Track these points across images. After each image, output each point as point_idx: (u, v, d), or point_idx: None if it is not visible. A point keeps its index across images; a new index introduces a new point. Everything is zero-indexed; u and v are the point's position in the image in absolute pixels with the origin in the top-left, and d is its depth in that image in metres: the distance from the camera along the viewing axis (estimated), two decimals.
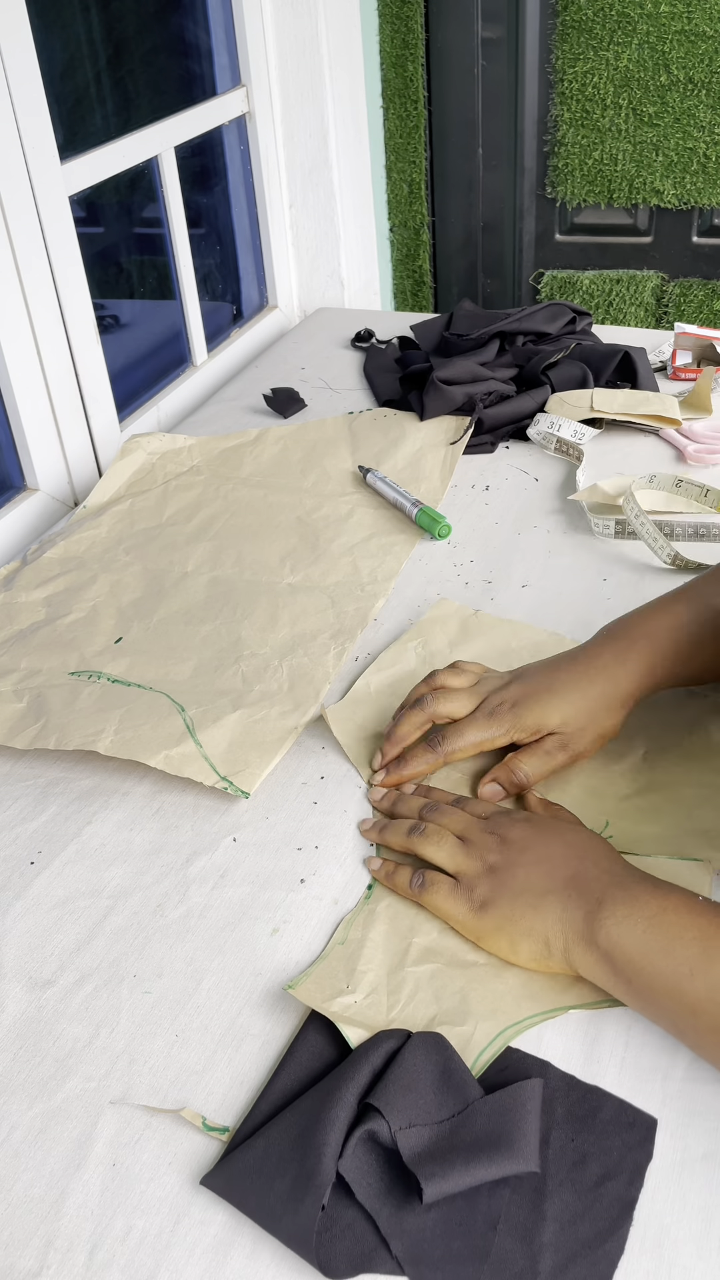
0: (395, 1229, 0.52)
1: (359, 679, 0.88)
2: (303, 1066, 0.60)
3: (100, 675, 0.90)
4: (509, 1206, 0.53)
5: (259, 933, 0.69)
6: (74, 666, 0.92)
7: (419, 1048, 0.58)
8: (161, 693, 0.88)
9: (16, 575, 1.05)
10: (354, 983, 0.64)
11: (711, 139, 1.79)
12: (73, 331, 1.20)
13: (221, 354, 1.54)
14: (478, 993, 0.64)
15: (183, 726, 0.83)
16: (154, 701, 0.86)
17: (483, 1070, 0.59)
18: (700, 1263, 0.52)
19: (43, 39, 1.10)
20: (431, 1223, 0.53)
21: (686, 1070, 0.60)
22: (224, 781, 0.78)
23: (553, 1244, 0.52)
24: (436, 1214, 0.53)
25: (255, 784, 0.78)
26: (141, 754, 0.80)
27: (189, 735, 0.82)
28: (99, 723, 0.84)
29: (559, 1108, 0.57)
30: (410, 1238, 0.52)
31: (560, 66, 1.81)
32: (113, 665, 0.92)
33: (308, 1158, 0.54)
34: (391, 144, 1.90)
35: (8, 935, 0.70)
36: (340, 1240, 0.52)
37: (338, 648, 0.92)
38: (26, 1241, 0.54)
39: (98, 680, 0.90)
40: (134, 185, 1.40)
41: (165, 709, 0.85)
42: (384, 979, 0.65)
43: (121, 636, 0.95)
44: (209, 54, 1.49)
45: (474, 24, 1.83)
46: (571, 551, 1.04)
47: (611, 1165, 0.55)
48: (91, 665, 0.92)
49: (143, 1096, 0.60)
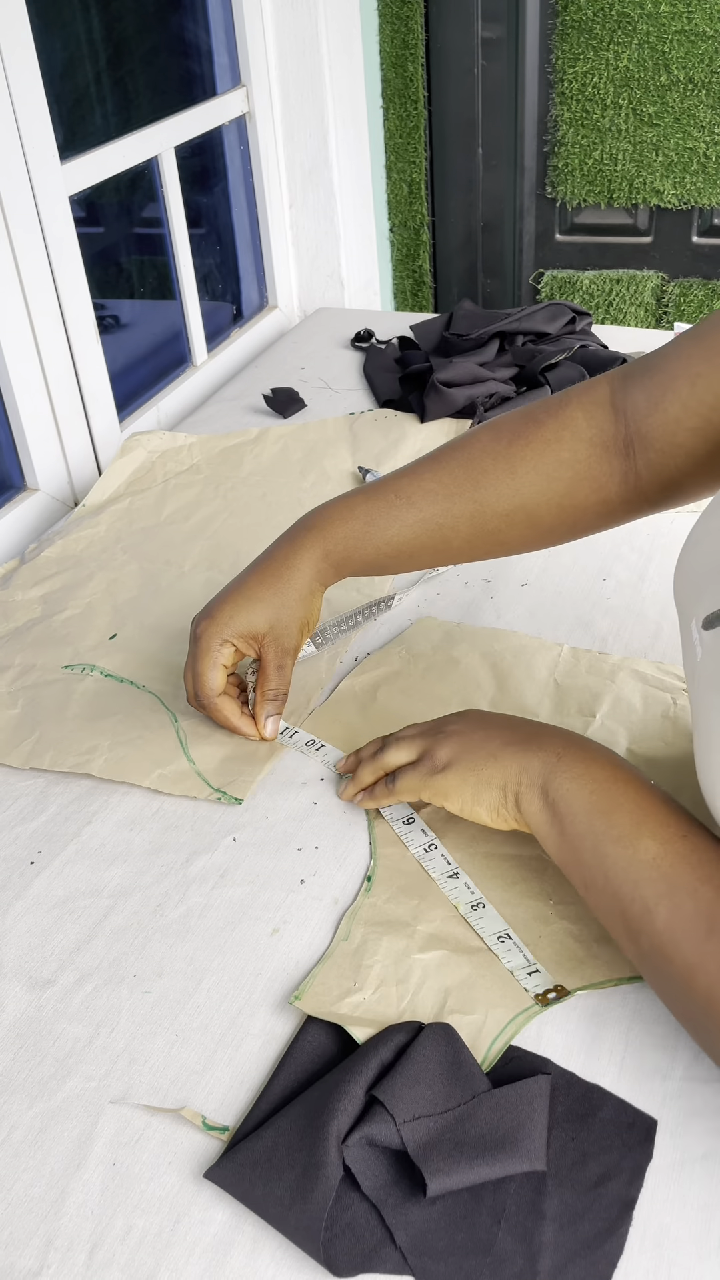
0: (400, 1220, 0.52)
1: (343, 681, 0.89)
2: (303, 1065, 0.60)
3: (93, 668, 0.90)
4: (512, 1201, 0.53)
5: (259, 932, 0.69)
6: (68, 660, 0.92)
7: (428, 1040, 0.58)
8: (154, 694, 0.88)
9: (14, 574, 1.05)
10: (361, 979, 0.64)
11: (711, 139, 1.79)
12: (73, 331, 1.20)
13: (221, 354, 1.54)
14: (485, 979, 0.64)
15: (175, 740, 0.83)
16: (147, 706, 0.86)
17: (495, 1059, 0.60)
18: (700, 1263, 0.52)
19: (43, 39, 1.10)
20: (436, 1215, 0.53)
21: (686, 1070, 0.60)
22: (217, 793, 0.78)
23: (552, 1244, 0.52)
24: (441, 1206, 0.53)
25: (249, 790, 0.79)
26: (134, 775, 0.80)
27: (181, 750, 0.82)
28: (93, 736, 0.83)
29: (559, 1106, 0.57)
30: (415, 1229, 0.52)
31: (560, 66, 1.81)
32: (106, 660, 0.92)
33: (316, 1149, 0.54)
34: (391, 144, 1.90)
35: (8, 935, 0.70)
36: (342, 1239, 0.52)
37: (330, 654, 0.92)
38: (26, 1241, 0.54)
39: (90, 673, 0.90)
40: (134, 185, 1.40)
41: (158, 718, 0.85)
42: (391, 969, 0.65)
43: (116, 633, 0.95)
44: (209, 54, 1.49)
45: (474, 24, 1.83)
46: (571, 551, 1.04)
47: (611, 1165, 0.55)
48: (85, 659, 0.92)
49: (143, 1096, 0.60)
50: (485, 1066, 0.59)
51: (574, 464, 0.73)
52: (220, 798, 0.78)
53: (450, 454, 0.78)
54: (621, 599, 0.97)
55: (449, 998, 0.63)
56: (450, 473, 0.77)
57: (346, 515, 0.79)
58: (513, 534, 0.77)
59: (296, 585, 0.80)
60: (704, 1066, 0.60)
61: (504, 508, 0.75)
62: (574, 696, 0.85)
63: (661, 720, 0.82)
